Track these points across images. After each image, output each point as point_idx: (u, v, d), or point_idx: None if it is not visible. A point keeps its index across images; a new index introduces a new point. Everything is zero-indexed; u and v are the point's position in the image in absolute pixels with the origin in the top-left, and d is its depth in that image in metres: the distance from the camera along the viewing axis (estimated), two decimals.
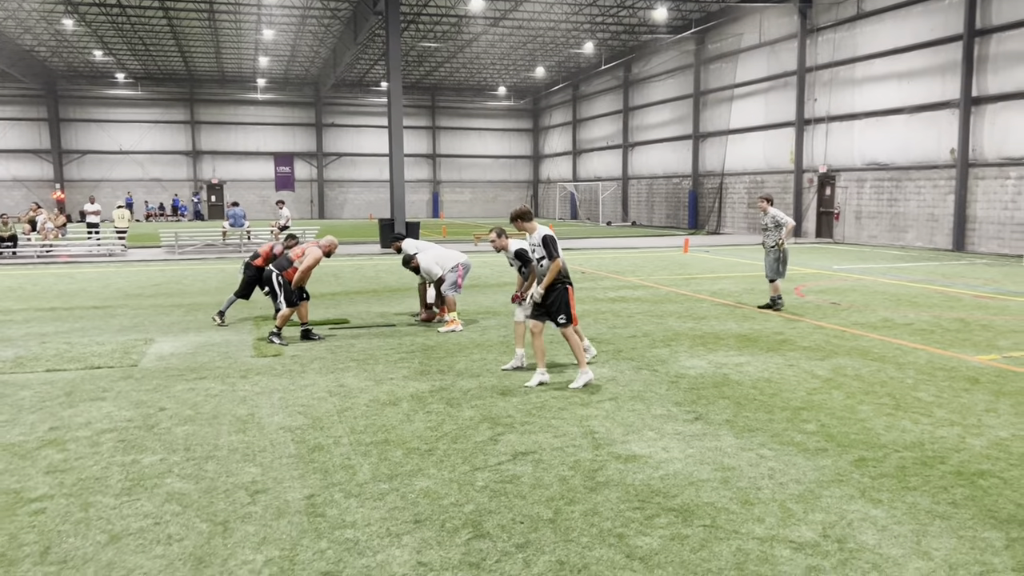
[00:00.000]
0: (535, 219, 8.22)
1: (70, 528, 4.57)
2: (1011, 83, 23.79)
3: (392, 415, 6.86)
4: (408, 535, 4.45)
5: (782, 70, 33.70)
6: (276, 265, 10.53)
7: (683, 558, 4.15)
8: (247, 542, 4.37)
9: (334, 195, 59.44)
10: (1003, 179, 24.36)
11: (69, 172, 53.94)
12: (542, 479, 5.30)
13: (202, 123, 56.24)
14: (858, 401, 7.23)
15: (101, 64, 49.99)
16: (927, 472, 5.38)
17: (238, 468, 5.55)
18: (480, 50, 46.67)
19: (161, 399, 7.45)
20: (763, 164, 35.64)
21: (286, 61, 49.88)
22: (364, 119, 59.39)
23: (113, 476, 5.41)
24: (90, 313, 12.95)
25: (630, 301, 14.06)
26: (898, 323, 11.56)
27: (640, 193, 47.66)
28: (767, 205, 12.91)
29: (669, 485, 5.18)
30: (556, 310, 7.77)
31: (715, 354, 9.40)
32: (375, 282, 17.45)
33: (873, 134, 29.17)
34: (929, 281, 17.06)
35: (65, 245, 25.80)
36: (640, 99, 46.67)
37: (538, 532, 4.48)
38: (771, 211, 12.86)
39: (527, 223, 8.02)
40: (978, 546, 4.26)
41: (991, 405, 7.07)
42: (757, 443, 6.04)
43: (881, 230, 29.22)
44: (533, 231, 7.94)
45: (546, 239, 7.78)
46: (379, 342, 10.29)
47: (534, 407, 7.08)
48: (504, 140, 63.90)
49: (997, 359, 9.03)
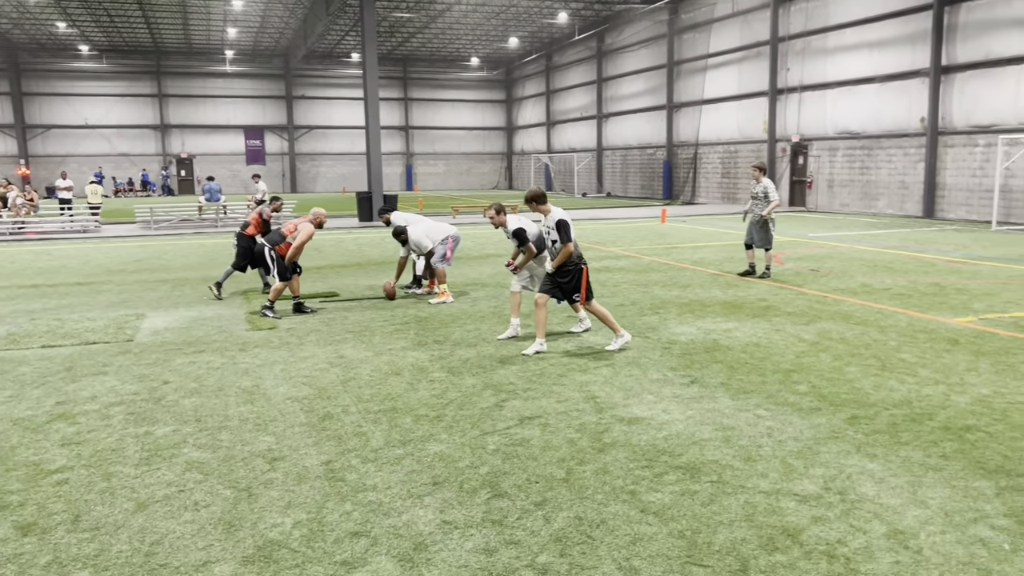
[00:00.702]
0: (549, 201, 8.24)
1: (96, 497, 4.67)
2: (980, 52, 24.18)
3: (396, 384, 7.00)
4: (429, 496, 4.61)
5: (755, 40, 33.87)
6: (268, 240, 10.56)
7: (695, 511, 4.36)
8: (273, 506, 4.50)
9: (306, 168, 58.90)
10: (972, 147, 24.84)
11: (34, 147, 52.85)
12: (551, 442, 5.48)
13: (170, 96, 55.28)
14: (845, 363, 7.50)
15: (64, 36, 48.84)
16: (917, 428, 5.64)
17: (252, 437, 5.66)
18: (453, 20, 46.27)
19: (163, 373, 7.51)
20: (737, 134, 35.93)
21: (255, 32, 49.07)
22: (335, 91, 58.75)
23: (129, 447, 5.50)
24: (75, 290, 12.88)
25: (615, 271, 14.26)
26: (877, 288, 11.88)
27: (615, 164, 47.82)
28: (760, 174, 12.98)
29: (673, 445, 5.39)
30: (571, 289, 7.98)
31: (703, 321, 9.63)
32: (358, 255, 17.48)
33: (845, 103, 29.52)
34: (903, 247, 17.46)
35: (37, 222, 25.43)
36: (614, 69, 46.65)
37: (554, 491, 4.66)
38: (764, 181, 12.94)
39: (542, 205, 8.11)
40: (971, 495, 4.52)
41: (972, 365, 7.36)
42: (753, 404, 6.27)
43: (853, 198, 29.69)
44: (548, 213, 8.06)
45: (560, 223, 7.91)
46: (372, 314, 10.39)
47: (534, 374, 7.25)
48: (477, 112, 63.60)
49: (974, 321, 9.36)
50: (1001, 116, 23.71)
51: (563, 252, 7.87)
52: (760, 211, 12.84)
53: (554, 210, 8.06)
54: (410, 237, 11.36)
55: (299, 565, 3.82)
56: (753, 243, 13.04)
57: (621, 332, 8.18)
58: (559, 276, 8.00)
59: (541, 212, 8.14)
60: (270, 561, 3.86)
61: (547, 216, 8.06)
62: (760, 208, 12.85)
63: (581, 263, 8.06)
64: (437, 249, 11.40)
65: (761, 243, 12.98)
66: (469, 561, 3.84)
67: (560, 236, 7.89)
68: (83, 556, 3.94)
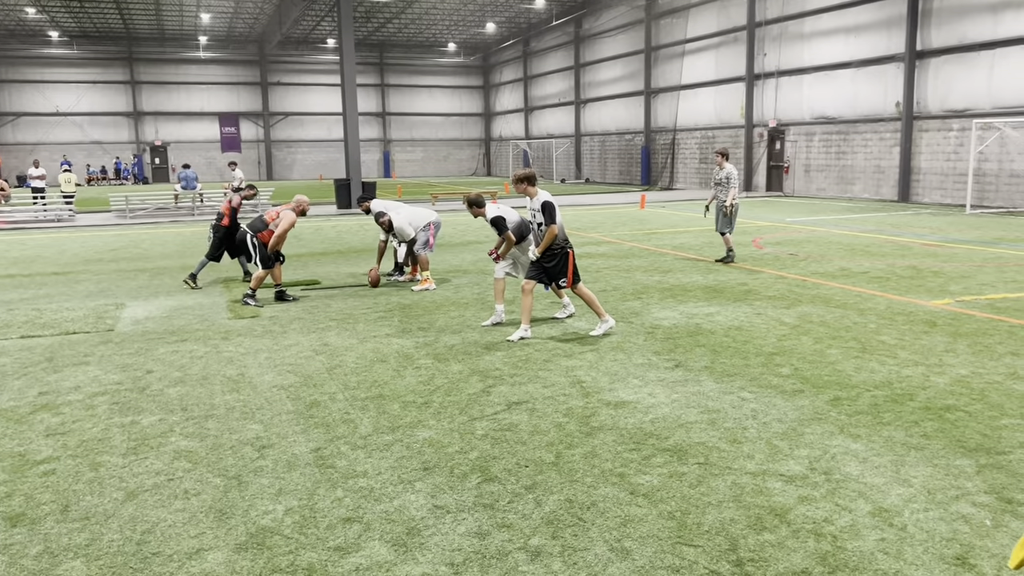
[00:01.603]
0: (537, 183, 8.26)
1: (84, 487, 4.64)
2: (954, 37, 24.43)
3: (382, 371, 7.00)
4: (420, 481, 4.63)
5: (732, 25, 33.97)
6: (250, 227, 10.48)
7: (683, 493, 4.41)
8: (264, 493, 4.51)
9: (282, 156, 58.39)
10: (946, 131, 25.13)
11: (3, 135, 51.94)
12: (539, 426, 5.52)
13: (143, 83, 54.48)
14: (826, 346, 7.60)
15: (34, 22, 47.92)
16: (898, 408, 5.74)
17: (240, 425, 5.65)
18: (429, 5, 45.96)
19: (146, 362, 7.46)
20: (714, 119, 36.07)
21: (229, 18, 48.44)
22: (311, 77, 58.20)
23: (115, 437, 5.47)
24: (52, 279, 12.72)
25: (596, 257, 14.31)
26: (855, 271, 12.03)
27: (593, 150, 47.86)
28: (723, 160, 13.08)
29: (660, 428, 5.44)
30: (558, 273, 8.01)
31: (685, 305, 9.70)
32: (338, 243, 17.40)
33: (821, 88, 29.73)
34: (879, 231, 17.66)
35: (9, 211, 25.03)
36: (592, 55, 46.61)
37: (543, 474, 4.70)
38: (727, 167, 13.02)
39: (531, 187, 8.12)
40: (952, 473, 4.61)
41: (950, 346, 7.49)
42: (737, 387, 6.34)
43: (829, 183, 29.95)
44: (534, 196, 8.06)
45: (545, 205, 7.91)
46: (355, 302, 10.36)
47: (520, 360, 7.28)
48: (455, 98, 63.30)
49: (951, 303, 9.51)
50: (975, 101, 23.99)
51: (548, 235, 7.88)
52: (723, 197, 12.96)
53: (540, 192, 8.07)
54: (393, 225, 11.33)
55: (292, 551, 3.83)
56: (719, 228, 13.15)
57: (605, 317, 8.23)
58: (545, 260, 8.03)
59: (528, 194, 8.15)
60: (263, 548, 3.87)
61: (533, 199, 8.07)
62: (724, 194, 12.96)
63: (567, 247, 8.08)
64: (419, 236, 11.39)
65: (721, 227, 13.11)
66: (462, 545, 3.87)
67: (544, 218, 7.90)
68: (74, 546, 3.93)
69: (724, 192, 12.93)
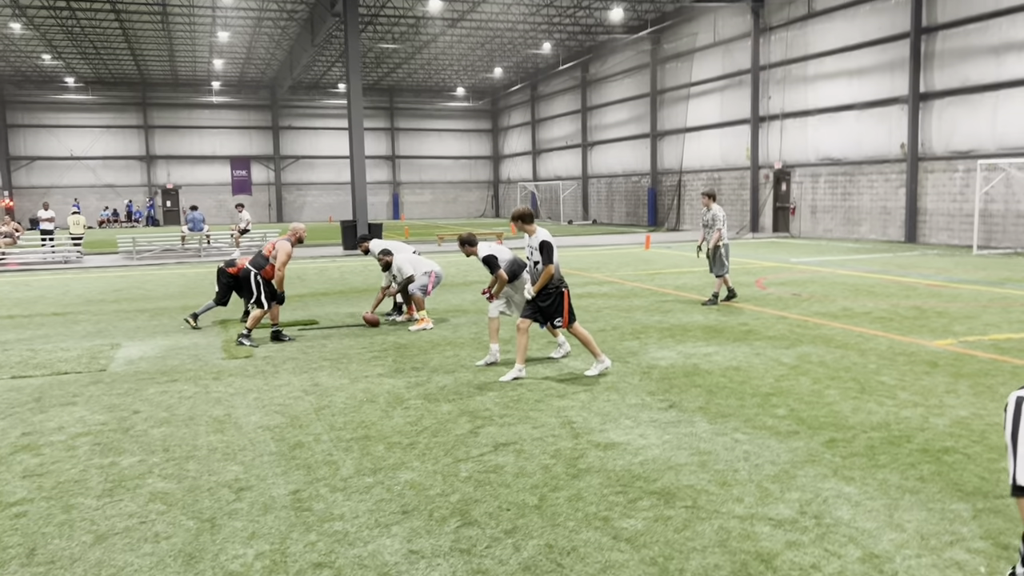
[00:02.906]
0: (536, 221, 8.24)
1: (54, 530, 4.54)
2: (956, 79, 24.51)
3: (370, 411, 6.90)
4: (397, 525, 4.50)
5: (736, 68, 34.24)
6: (252, 264, 10.42)
7: (668, 538, 4.27)
8: (236, 537, 4.39)
9: (292, 198, 58.87)
10: (951, 172, 25.08)
11: (17, 179, 52.66)
12: (525, 468, 5.39)
13: (156, 127, 55.29)
14: (825, 386, 7.45)
15: (50, 68, 48.89)
16: (895, 450, 5.58)
17: (220, 467, 5.54)
18: (438, 51, 46.64)
19: (134, 402, 7.38)
20: (720, 161, 36.18)
21: (241, 63, 49.28)
22: (322, 121, 58.93)
23: (93, 478, 5.37)
24: (51, 320, 12.72)
25: (597, 296, 14.22)
26: (858, 312, 11.88)
27: (600, 191, 48.04)
28: (710, 201, 12.99)
29: (649, 470, 5.30)
30: (553, 313, 7.94)
31: (683, 345, 9.58)
32: (341, 283, 17.38)
33: (826, 130, 29.81)
34: (885, 271, 17.52)
35: (18, 253, 25.22)
36: (598, 98, 47.04)
37: (525, 518, 4.56)
38: (713, 208, 12.92)
39: (528, 224, 8.10)
40: (947, 517, 4.45)
41: (951, 387, 7.33)
42: (731, 428, 6.20)
43: (836, 223, 29.87)
44: (532, 233, 8.04)
45: (543, 244, 7.87)
46: (351, 342, 10.29)
47: (511, 400, 7.17)
48: (464, 141, 63.90)
49: (953, 343, 9.35)
50: (979, 142, 23.97)
51: (544, 274, 7.83)
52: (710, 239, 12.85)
53: (539, 231, 8.03)
54: (394, 262, 11.32)
55: None
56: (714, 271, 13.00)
57: (601, 357, 8.11)
58: (540, 300, 7.96)
59: (526, 231, 8.11)
60: None
61: (531, 236, 8.04)
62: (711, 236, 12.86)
63: (562, 286, 8.02)
64: (420, 279, 11.36)
65: (715, 271, 12.97)
66: None
67: (542, 257, 7.85)
68: None
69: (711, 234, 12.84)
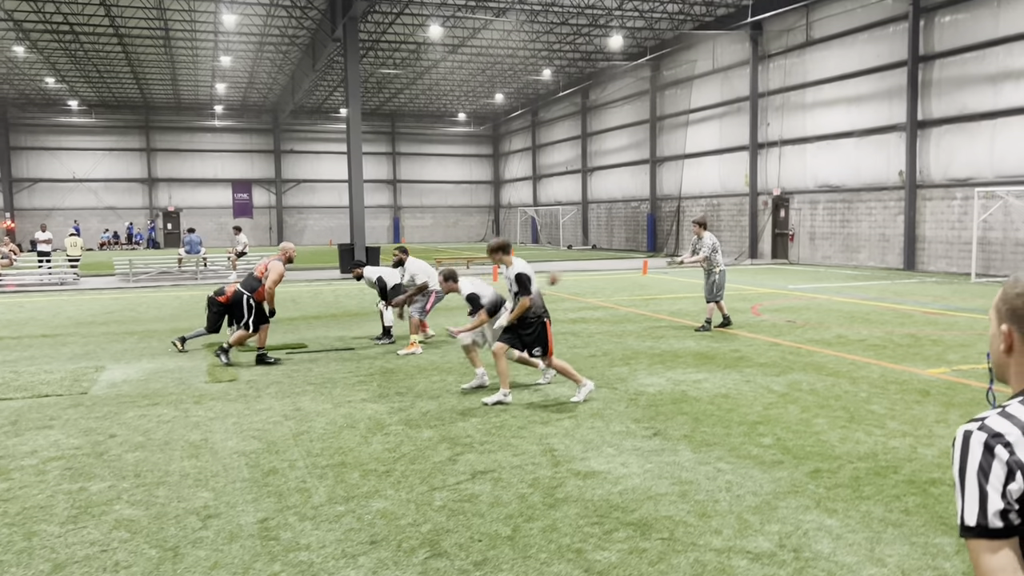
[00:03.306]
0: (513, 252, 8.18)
1: (12, 558, 4.41)
2: (954, 107, 24.55)
3: (349, 437, 6.78)
4: (364, 556, 4.38)
5: (735, 96, 34.37)
6: (245, 286, 10.36)
7: (641, 571, 4.14)
8: (198, 567, 4.26)
9: (293, 221, 58.98)
10: (949, 200, 25.04)
11: (20, 201, 52.82)
12: (501, 497, 5.26)
13: (158, 150, 55.55)
14: (813, 415, 7.32)
15: (53, 91, 49.23)
16: (880, 482, 5.45)
17: (190, 493, 5.42)
18: (439, 77, 46.92)
19: (111, 426, 7.26)
20: (719, 187, 36.22)
21: (244, 88, 49.60)
22: (323, 145, 59.20)
23: (59, 504, 5.25)
24: (39, 342, 12.62)
25: (590, 322, 14.12)
26: (852, 339, 11.76)
27: (600, 217, 48.07)
28: (701, 230, 12.93)
29: (628, 500, 5.18)
30: (532, 342, 7.83)
31: (673, 371, 9.46)
32: (334, 307, 17.29)
33: (825, 157, 29.84)
34: (881, 299, 17.41)
35: (15, 274, 25.19)
36: (598, 125, 47.23)
37: (496, 549, 4.44)
38: (704, 236, 12.89)
39: (506, 256, 8.02)
40: (930, 552, 4.32)
41: (941, 416, 7.20)
42: (714, 457, 6.07)
43: (835, 250, 29.80)
44: (510, 264, 7.96)
45: (519, 277, 7.79)
46: (337, 366, 10.18)
47: (494, 427, 7.05)
48: (464, 165, 64.13)
49: (947, 372, 9.22)
50: (977, 169, 23.96)
51: (519, 306, 7.75)
52: (705, 266, 12.80)
53: (516, 262, 7.95)
54: (407, 268, 11.35)
55: None
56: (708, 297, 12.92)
57: (584, 382, 8.00)
58: (520, 328, 7.85)
59: (504, 263, 8.03)
60: None
61: (509, 267, 7.96)
62: (705, 263, 12.79)
63: (544, 316, 7.92)
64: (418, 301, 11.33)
65: (707, 295, 12.87)
66: None
67: (519, 289, 7.77)
68: None
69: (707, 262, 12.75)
